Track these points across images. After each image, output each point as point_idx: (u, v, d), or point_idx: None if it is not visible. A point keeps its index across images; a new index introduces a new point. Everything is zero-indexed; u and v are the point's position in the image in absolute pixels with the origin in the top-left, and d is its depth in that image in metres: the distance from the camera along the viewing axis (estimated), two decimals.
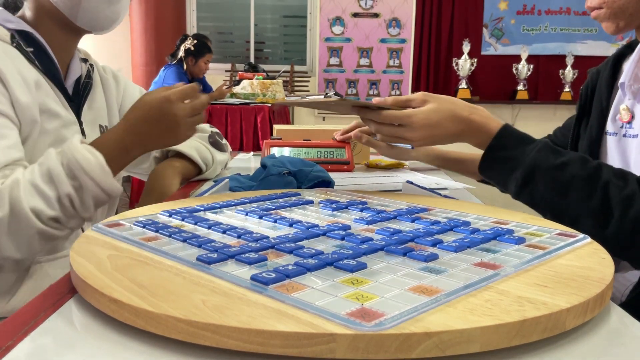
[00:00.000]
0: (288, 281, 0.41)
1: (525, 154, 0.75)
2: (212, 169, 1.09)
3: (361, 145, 1.38)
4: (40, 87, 0.87)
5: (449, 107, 0.79)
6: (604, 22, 0.88)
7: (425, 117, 0.78)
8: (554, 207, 0.74)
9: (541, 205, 0.77)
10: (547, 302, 0.38)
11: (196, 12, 5.36)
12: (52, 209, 0.75)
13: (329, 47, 5.26)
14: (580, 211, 0.72)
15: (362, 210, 0.68)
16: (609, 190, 0.71)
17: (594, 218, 0.71)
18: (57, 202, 0.75)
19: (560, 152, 0.76)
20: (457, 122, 0.79)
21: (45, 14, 0.91)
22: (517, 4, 5.32)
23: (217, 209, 0.68)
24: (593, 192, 0.71)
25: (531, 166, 0.74)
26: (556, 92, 5.29)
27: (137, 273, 0.44)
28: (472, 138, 0.80)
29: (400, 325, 0.34)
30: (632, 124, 0.93)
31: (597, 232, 0.70)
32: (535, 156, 0.74)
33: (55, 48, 0.92)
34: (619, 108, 0.96)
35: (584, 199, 0.72)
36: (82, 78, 0.99)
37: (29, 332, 0.38)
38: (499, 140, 0.78)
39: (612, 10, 0.85)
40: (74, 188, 0.76)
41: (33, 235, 0.75)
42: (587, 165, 0.74)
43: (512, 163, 0.76)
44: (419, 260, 0.47)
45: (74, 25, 0.92)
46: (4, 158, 0.77)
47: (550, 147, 0.76)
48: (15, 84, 0.82)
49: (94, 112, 1.00)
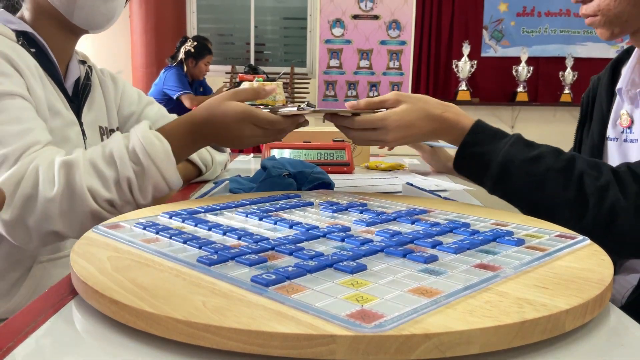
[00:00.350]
0: (288, 283, 0.41)
1: (499, 148, 0.75)
2: (212, 170, 1.10)
3: (361, 147, 1.38)
4: (45, 85, 0.87)
5: (422, 106, 0.79)
6: (599, 28, 0.89)
7: (399, 119, 0.78)
8: (530, 200, 0.74)
9: (517, 199, 0.77)
10: (546, 303, 0.38)
11: (196, 14, 5.36)
12: (109, 191, 0.75)
13: (329, 49, 5.26)
14: (556, 203, 0.72)
15: (362, 211, 0.68)
16: (584, 181, 0.71)
17: (570, 209, 0.71)
18: (115, 184, 0.75)
19: (533, 145, 0.76)
20: (431, 120, 0.79)
21: (43, 14, 0.91)
22: (517, 6, 5.33)
23: (218, 211, 0.68)
24: (568, 183, 0.71)
25: (505, 160, 0.74)
26: (556, 94, 5.29)
27: (137, 274, 0.44)
28: (447, 135, 0.81)
29: (400, 327, 0.34)
30: (632, 128, 0.93)
31: (574, 223, 0.70)
32: (508, 150, 0.74)
33: (55, 49, 0.93)
34: (619, 113, 0.96)
35: (559, 190, 0.71)
36: (81, 79, 0.99)
37: (30, 333, 0.38)
38: (472, 136, 0.78)
39: (608, 17, 0.85)
40: (135, 172, 0.76)
41: (86, 214, 0.74)
42: (561, 157, 0.74)
43: (486, 158, 0.76)
44: (419, 261, 0.47)
45: (71, 24, 0.92)
46: (21, 143, 0.75)
47: (523, 140, 0.77)
48: (29, 76, 0.83)
49: (94, 113, 1.00)
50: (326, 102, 5.31)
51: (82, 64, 1.02)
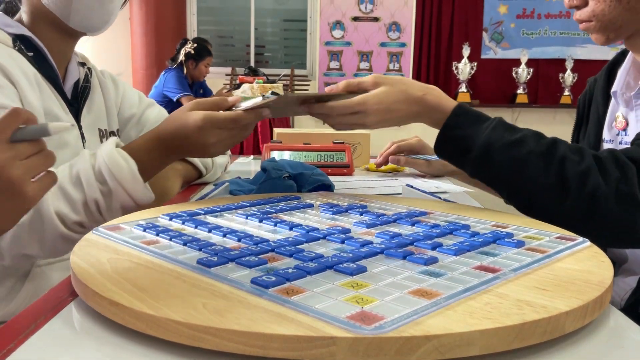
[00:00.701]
0: (288, 284, 0.41)
1: (481, 131, 0.74)
2: (212, 172, 1.10)
3: (361, 149, 1.38)
4: (43, 90, 0.87)
5: (402, 88, 0.77)
6: (594, 34, 0.88)
7: (378, 101, 0.76)
8: (511, 183, 0.73)
9: (497, 183, 0.76)
10: (546, 305, 0.38)
11: (196, 16, 5.37)
12: (77, 214, 0.75)
13: (329, 51, 5.27)
14: (537, 187, 0.71)
15: (362, 213, 0.68)
16: (565, 166, 0.70)
17: (550, 193, 0.70)
18: (82, 206, 0.75)
19: (515, 129, 0.75)
20: (411, 103, 0.77)
21: (40, 16, 0.91)
22: (517, 8, 5.33)
23: (218, 213, 0.68)
24: (549, 167, 0.70)
25: (487, 144, 0.73)
26: (556, 96, 5.29)
27: (137, 276, 0.44)
28: (428, 118, 0.79)
29: (400, 329, 0.34)
30: (627, 131, 0.93)
31: (554, 207, 0.70)
32: (490, 134, 0.73)
33: (53, 52, 0.92)
34: (614, 116, 0.96)
35: (540, 174, 0.70)
36: (81, 82, 0.99)
37: (30, 335, 0.38)
38: (454, 119, 0.76)
39: (602, 23, 0.85)
40: (102, 193, 0.75)
41: (56, 238, 0.74)
42: (542, 141, 0.73)
43: (468, 141, 0.74)
44: (419, 263, 0.47)
45: (68, 27, 0.92)
46: None
47: (504, 124, 0.75)
48: (24, 85, 0.82)
49: (93, 115, 1.00)
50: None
51: (82, 66, 1.01)
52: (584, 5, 0.86)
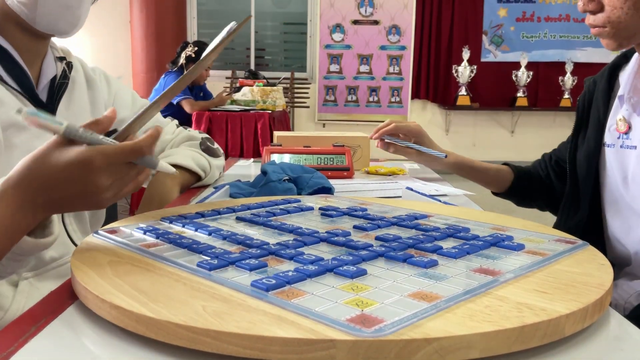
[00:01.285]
0: (288, 287, 0.41)
1: None
2: (211, 175, 1.09)
3: (361, 152, 1.38)
4: (4, 103, 0.82)
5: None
6: (606, 39, 0.88)
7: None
8: None
9: None
10: (546, 308, 0.38)
11: (197, 19, 5.38)
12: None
13: (329, 54, 5.28)
14: None
15: (362, 216, 0.68)
16: None
17: None
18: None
19: None
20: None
21: (7, 17, 0.87)
22: (517, 11, 5.34)
23: (218, 216, 0.68)
24: None
25: None
26: (556, 99, 5.30)
27: (137, 279, 0.44)
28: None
29: (400, 331, 0.34)
30: (629, 134, 0.92)
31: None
32: None
33: (23, 52, 0.88)
34: (615, 119, 0.96)
35: None
36: (57, 78, 0.93)
37: (30, 338, 0.39)
38: None
39: (617, 30, 0.84)
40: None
41: None
42: None
43: None
44: (419, 266, 0.47)
45: (36, 30, 0.88)
46: None
47: None
48: None
49: (73, 112, 0.95)
50: (326, 106, 5.32)
51: (61, 61, 0.96)
52: (600, 10, 0.85)
